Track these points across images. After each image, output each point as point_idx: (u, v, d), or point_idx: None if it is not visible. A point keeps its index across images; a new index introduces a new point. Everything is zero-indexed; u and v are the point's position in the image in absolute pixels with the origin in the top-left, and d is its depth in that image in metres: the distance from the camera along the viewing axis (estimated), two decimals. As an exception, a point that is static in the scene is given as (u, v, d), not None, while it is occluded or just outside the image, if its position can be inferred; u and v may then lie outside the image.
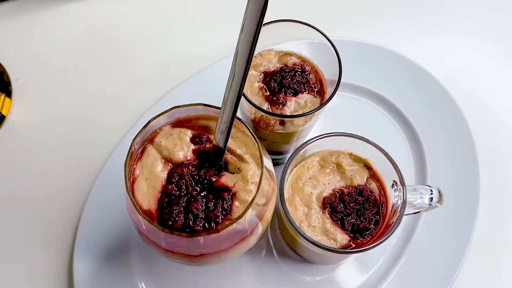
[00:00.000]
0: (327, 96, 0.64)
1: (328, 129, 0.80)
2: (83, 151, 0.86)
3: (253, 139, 0.57)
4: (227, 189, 0.57)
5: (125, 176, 0.52)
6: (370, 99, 0.88)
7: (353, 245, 0.64)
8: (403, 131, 0.85)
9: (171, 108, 0.57)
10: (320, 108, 0.60)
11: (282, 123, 0.63)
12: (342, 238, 0.64)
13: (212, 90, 0.81)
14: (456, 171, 0.80)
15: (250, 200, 0.55)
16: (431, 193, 0.65)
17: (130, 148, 0.53)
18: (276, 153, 0.77)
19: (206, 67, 0.88)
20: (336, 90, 0.59)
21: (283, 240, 0.77)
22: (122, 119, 0.87)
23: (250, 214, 0.55)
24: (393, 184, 0.65)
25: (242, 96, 0.56)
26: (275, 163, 0.80)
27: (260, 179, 0.53)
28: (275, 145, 0.73)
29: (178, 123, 0.60)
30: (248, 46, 0.47)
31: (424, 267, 0.75)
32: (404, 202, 0.63)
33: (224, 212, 0.56)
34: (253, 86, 0.65)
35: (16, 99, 0.92)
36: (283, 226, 0.71)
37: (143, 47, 0.96)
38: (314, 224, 0.65)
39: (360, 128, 0.84)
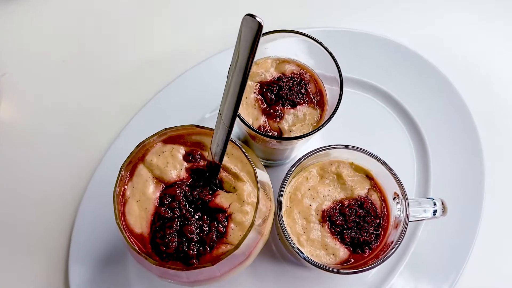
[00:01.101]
0: (327, 107, 0.61)
1: (327, 128, 0.77)
2: (75, 149, 0.83)
3: (248, 162, 0.54)
4: (222, 210, 0.55)
5: (114, 205, 0.50)
6: (371, 93, 0.83)
7: (353, 260, 0.62)
8: (406, 128, 0.81)
9: (163, 130, 0.54)
10: (318, 130, 0.56)
11: (280, 135, 0.59)
12: (342, 252, 0.62)
13: (211, 83, 0.78)
14: (461, 172, 0.77)
15: (246, 223, 0.53)
16: (435, 205, 0.63)
17: (119, 174, 0.50)
18: (272, 160, 0.74)
19: (203, 61, 0.84)
20: (336, 111, 0.55)
21: (283, 246, 0.75)
22: (116, 114, 0.84)
23: (248, 237, 0.52)
24: (395, 197, 0.63)
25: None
26: (271, 166, 0.77)
27: (256, 208, 0.50)
28: (272, 155, 0.70)
29: (170, 139, 0.57)
30: (241, 72, 0.43)
31: (424, 272, 0.73)
32: (407, 216, 0.60)
33: (219, 235, 0.54)
34: (249, 97, 0.61)
35: (3, 95, 0.88)
36: (281, 235, 0.69)
37: (134, 41, 0.91)
38: (313, 238, 0.63)
39: (362, 125, 0.81)
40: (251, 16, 0.40)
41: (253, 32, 0.40)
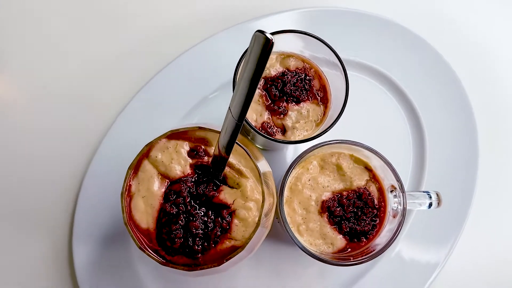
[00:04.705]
0: (330, 104, 0.61)
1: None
2: (75, 129, 0.81)
3: (253, 164, 0.55)
4: (226, 206, 0.56)
5: (123, 208, 0.51)
6: (373, 78, 0.82)
7: (350, 249, 0.65)
8: (406, 115, 0.81)
9: (168, 132, 0.54)
10: (322, 134, 0.57)
11: (283, 132, 0.60)
12: (340, 242, 0.65)
13: (217, 62, 0.77)
14: (455, 162, 0.78)
15: (250, 219, 0.55)
16: (430, 198, 0.65)
17: (127, 175, 0.51)
18: (273, 150, 0.75)
19: (209, 37, 0.80)
20: (340, 116, 0.56)
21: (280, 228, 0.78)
22: (116, 92, 0.81)
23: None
24: (392, 190, 0.65)
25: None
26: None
27: (261, 212, 0.52)
28: (273, 146, 0.70)
29: (174, 135, 0.57)
30: (249, 83, 0.43)
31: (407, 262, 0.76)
32: (404, 209, 0.63)
33: (223, 231, 0.56)
34: (253, 93, 0.61)
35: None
36: (280, 221, 0.71)
37: (135, 14, 0.87)
38: (312, 228, 0.65)
39: (363, 111, 0.80)
40: (262, 32, 0.39)
41: (263, 48, 0.40)
